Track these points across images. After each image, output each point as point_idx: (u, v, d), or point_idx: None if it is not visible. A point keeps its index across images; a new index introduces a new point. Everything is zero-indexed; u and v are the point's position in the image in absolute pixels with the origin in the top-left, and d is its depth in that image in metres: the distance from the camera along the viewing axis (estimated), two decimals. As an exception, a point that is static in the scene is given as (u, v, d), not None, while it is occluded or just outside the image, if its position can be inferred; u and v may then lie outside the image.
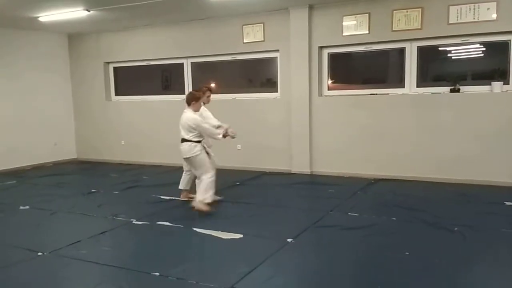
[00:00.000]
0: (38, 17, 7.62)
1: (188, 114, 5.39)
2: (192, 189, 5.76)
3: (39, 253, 4.06)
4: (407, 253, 3.87)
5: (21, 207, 5.81)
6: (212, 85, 7.98)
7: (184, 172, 5.98)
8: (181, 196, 5.99)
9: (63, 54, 9.77)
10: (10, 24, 8.31)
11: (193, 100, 5.47)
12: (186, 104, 5.50)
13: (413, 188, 6.45)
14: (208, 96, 6.05)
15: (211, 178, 5.37)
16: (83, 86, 9.88)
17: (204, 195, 5.27)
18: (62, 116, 9.75)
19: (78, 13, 7.30)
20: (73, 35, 9.72)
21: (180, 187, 5.98)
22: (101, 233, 4.66)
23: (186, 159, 5.45)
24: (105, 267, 3.78)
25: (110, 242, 4.46)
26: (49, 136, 9.42)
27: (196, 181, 5.49)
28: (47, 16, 7.57)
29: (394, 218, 4.94)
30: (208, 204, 5.26)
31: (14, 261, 3.89)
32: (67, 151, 9.82)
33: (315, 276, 3.52)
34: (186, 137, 5.33)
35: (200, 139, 5.38)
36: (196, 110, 5.50)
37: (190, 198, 5.72)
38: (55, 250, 4.12)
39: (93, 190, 6.73)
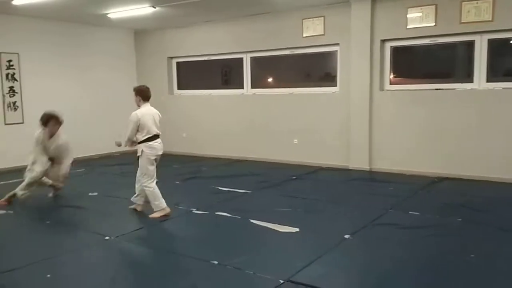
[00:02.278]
0: (108, 13, 8.04)
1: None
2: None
3: (106, 237, 4.30)
4: (472, 256, 3.70)
5: (90, 194, 6.18)
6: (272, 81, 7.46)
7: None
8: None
9: (130, 50, 10.24)
10: (82, 20, 8.83)
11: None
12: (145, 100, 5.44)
13: (480, 188, 6.13)
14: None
15: None
16: (148, 80, 10.26)
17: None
18: (127, 109, 10.12)
19: (144, 9, 7.61)
20: (139, 31, 10.14)
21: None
22: (163, 220, 4.86)
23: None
24: (165, 253, 3.94)
25: (172, 229, 4.65)
26: (116, 128, 9.90)
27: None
28: (115, 12, 7.97)
29: (459, 219, 4.72)
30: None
31: (83, 244, 4.17)
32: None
33: (373, 275, 3.46)
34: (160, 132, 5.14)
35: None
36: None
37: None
38: (121, 235, 4.36)
39: (156, 180, 6.99)
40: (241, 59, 8.96)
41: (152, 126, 5.06)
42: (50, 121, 5.78)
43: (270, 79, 9.08)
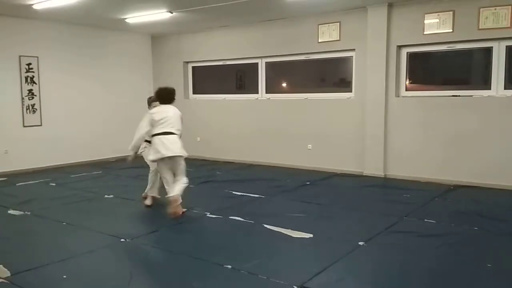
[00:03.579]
0: (125, 18, 8.16)
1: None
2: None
3: (122, 240, 4.36)
4: (489, 266, 3.65)
5: (106, 196, 6.26)
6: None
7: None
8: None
9: (146, 54, 10.36)
10: (100, 25, 8.98)
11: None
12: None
13: (497, 196, 6.03)
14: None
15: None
16: (164, 84, 10.30)
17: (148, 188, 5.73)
18: (144, 113, 10.28)
19: (161, 14, 7.71)
20: (156, 36, 10.26)
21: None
22: (178, 223, 4.89)
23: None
24: (180, 256, 3.97)
25: (186, 233, 4.67)
26: (133, 131, 10.00)
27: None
28: (133, 17, 8.08)
29: (476, 228, 4.66)
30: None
31: (99, 246, 4.21)
32: (147, 146, 10.40)
33: (387, 283, 3.43)
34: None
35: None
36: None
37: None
38: (137, 238, 4.41)
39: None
40: (256, 64, 8.99)
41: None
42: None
43: (284, 84, 9.10)
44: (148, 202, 5.68)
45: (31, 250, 4.17)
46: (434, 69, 7.53)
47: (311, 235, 4.43)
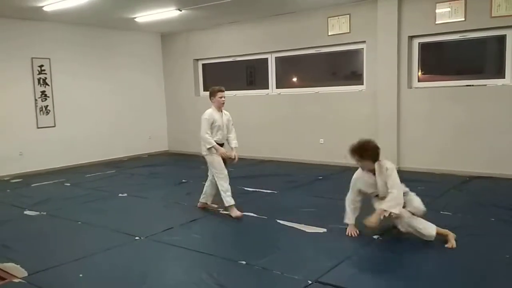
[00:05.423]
0: (135, 18, 8.19)
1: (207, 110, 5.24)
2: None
3: (136, 238, 4.38)
4: (508, 256, 3.59)
5: (120, 195, 6.31)
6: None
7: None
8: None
9: (157, 53, 10.40)
10: (110, 25, 9.03)
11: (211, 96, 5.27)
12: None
13: (514, 187, 5.94)
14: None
15: (219, 182, 5.05)
16: (174, 82, 10.43)
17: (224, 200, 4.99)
18: (155, 111, 10.40)
19: (170, 13, 7.72)
20: (165, 35, 10.28)
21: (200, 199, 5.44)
22: (192, 220, 4.91)
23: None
24: (195, 253, 3.98)
25: (200, 229, 4.69)
26: (144, 130, 10.11)
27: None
28: (143, 16, 8.11)
29: (493, 219, 4.59)
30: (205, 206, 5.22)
31: (114, 245, 4.24)
32: (160, 144, 10.47)
33: (402, 276, 3.39)
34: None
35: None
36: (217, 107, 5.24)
37: (208, 206, 5.38)
38: (151, 235, 4.43)
39: (183, 180, 7.11)
40: (266, 59, 8.96)
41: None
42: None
43: (295, 79, 9.05)
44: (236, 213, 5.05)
45: (47, 250, 4.21)
46: (447, 59, 7.42)
47: (325, 230, 4.41)
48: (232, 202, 5.00)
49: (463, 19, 6.52)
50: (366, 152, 4.09)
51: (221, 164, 5.07)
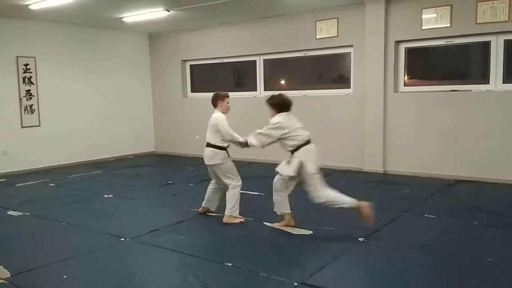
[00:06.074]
0: (123, 17, 8.13)
1: (215, 114, 5.04)
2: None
3: (122, 239, 4.35)
4: (490, 260, 3.65)
5: (105, 195, 6.25)
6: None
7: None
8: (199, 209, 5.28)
9: (144, 53, 10.34)
10: (97, 25, 8.96)
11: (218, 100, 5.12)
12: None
13: (497, 191, 6.04)
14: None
15: (237, 189, 4.96)
16: (162, 83, 10.38)
17: (230, 207, 4.85)
18: (142, 112, 10.33)
19: (158, 13, 7.69)
20: (153, 35, 10.23)
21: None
22: (178, 222, 4.89)
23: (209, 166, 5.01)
24: (181, 255, 3.96)
25: (186, 231, 4.67)
26: (131, 130, 10.03)
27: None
28: (130, 16, 8.06)
29: (476, 222, 4.66)
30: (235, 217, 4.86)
31: (99, 246, 4.20)
32: (146, 145, 10.40)
33: (388, 278, 3.43)
34: (211, 141, 4.99)
35: (225, 145, 5.00)
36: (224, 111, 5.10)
37: (209, 212, 5.23)
38: (136, 237, 4.40)
39: (170, 182, 7.07)
40: (254, 61, 8.97)
41: (208, 133, 5.09)
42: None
43: (283, 81, 9.08)
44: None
45: (31, 251, 4.15)
46: (433, 64, 7.52)
47: (311, 232, 4.44)
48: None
49: (449, 25, 6.62)
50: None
51: (236, 169, 5.01)
